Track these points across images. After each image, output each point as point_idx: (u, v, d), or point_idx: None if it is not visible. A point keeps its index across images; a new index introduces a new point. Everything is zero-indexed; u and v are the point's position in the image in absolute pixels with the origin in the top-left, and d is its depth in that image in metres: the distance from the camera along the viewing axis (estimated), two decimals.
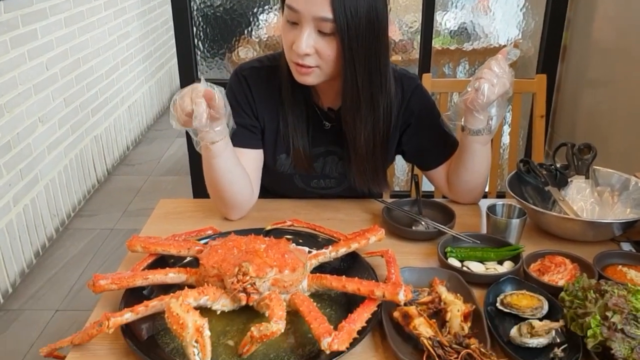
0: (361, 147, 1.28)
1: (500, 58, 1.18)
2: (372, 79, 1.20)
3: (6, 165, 2.48)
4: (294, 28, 1.15)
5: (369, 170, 1.32)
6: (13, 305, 2.41)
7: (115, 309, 0.98)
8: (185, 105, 1.06)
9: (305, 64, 1.16)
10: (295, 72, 1.21)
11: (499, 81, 1.16)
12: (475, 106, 1.18)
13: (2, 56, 2.46)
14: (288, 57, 1.21)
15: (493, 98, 1.16)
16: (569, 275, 1.07)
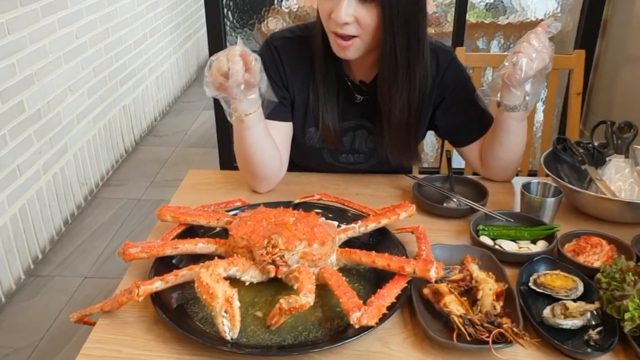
0: (396, 117, 1.25)
1: (541, 31, 1.14)
2: (410, 47, 1.18)
3: (36, 134, 2.51)
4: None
5: (402, 142, 1.30)
6: (43, 272, 2.46)
7: (144, 278, 0.98)
8: (222, 65, 1.04)
9: (344, 33, 1.14)
10: (335, 46, 1.18)
11: (538, 55, 1.12)
12: (512, 81, 1.14)
13: (32, 24, 2.47)
14: (326, 27, 1.18)
15: (531, 73, 1.12)
16: (605, 256, 1.04)
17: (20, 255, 2.38)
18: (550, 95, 1.84)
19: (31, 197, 2.47)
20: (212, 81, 1.07)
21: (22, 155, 2.40)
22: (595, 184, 1.26)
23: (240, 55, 1.03)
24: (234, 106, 1.14)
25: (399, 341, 0.88)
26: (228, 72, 1.03)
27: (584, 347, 0.85)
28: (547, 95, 1.83)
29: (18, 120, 2.36)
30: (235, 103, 1.13)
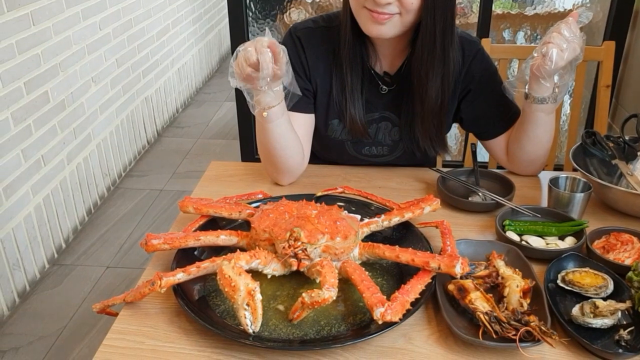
0: (431, 100, 1.24)
1: (572, 21, 1.10)
2: (445, 31, 1.17)
3: (60, 124, 2.53)
4: None
5: (434, 126, 1.29)
6: (66, 261, 2.49)
7: (166, 269, 0.99)
8: (250, 55, 1.02)
9: (384, 12, 1.12)
10: (368, 21, 1.15)
11: (569, 46, 1.08)
12: (542, 72, 1.11)
13: (57, 15, 2.49)
14: (358, 4, 1.15)
15: (562, 64, 1.09)
16: (636, 254, 1.02)
17: (44, 244, 2.41)
18: (578, 88, 1.79)
19: (55, 187, 2.49)
20: (238, 72, 1.06)
21: (47, 146, 2.43)
22: (626, 179, 1.22)
23: (268, 46, 1.02)
24: (257, 98, 1.12)
25: (423, 337, 0.87)
26: (256, 63, 1.02)
27: (615, 347, 0.83)
28: (575, 87, 1.79)
29: (43, 110, 2.39)
30: (259, 95, 1.11)
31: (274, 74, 1.05)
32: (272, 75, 1.04)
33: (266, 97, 1.12)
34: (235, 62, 1.06)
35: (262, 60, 1.01)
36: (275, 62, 1.03)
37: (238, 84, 1.08)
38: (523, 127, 1.25)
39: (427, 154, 1.35)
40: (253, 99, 1.13)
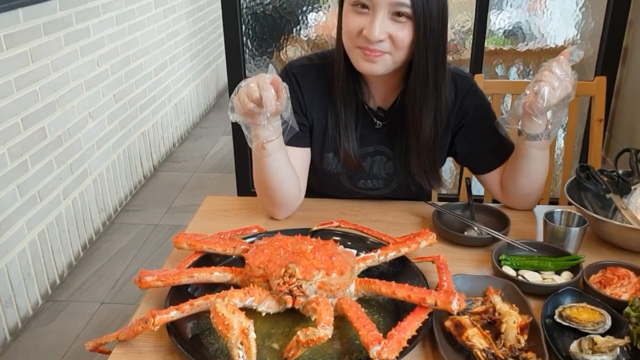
0: (425, 134, 1.26)
1: (563, 59, 1.11)
2: (438, 67, 1.19)
3: (57, 159, 2.53)
4: (362, 14, 1.13)
5: (429, 161, 1.30)
6: (60, 297, 2.47)
7: (160, 305, 0.97)
8: (252, 91, 1.04)
9: (376, 49, 1.14)
10: (360, 59, 1.17)
11: (561, 84, 1.10)
12: (535, 110, 1.12)
13: (56, 52, 2.52)
14: (352, 43, 1.17)
15: (554, 102, 1.10)
16: (633, 289, 1.01)
17: (38, 280, 2.39)
18: (571, 122, 1.81)
19: (51, 222, 2.48)
20: (239, 107, 1.07)
21: (43, 181, 2.43)
22: (621, 213, 1.23)
23: (271, 82, 1.04)
24: (255, 132, 1.13)
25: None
26: (259, 99, 1.03)
27: None
28: (569, 121, 1.81)
29: (40, 146, 2.40)
30: (258, 129, 1.12)
31: (276, 110, 1.06)
32: (274, 111, 1.05)
33: (265, 132, 1.13)
34: (237, 97, 1.07)
35: (265, 96, 1.03)
36: (277, 99, 1.04)
37: (237, 118, 1.09)
38: (517, 162, 1.26)
39: (422, 187, 1.36)
40: (251, 132, 1.14)
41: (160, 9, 3.72)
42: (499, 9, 2.31)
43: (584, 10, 2.27)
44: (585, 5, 2.26)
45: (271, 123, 1.11)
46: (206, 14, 4.70)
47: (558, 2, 2.27)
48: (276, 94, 1.04)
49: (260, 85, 1.04)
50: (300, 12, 2.40)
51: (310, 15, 2.41)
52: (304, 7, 2.40)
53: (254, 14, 2.42)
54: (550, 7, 2.28)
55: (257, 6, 2.40)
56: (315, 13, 2.40)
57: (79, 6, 2.70)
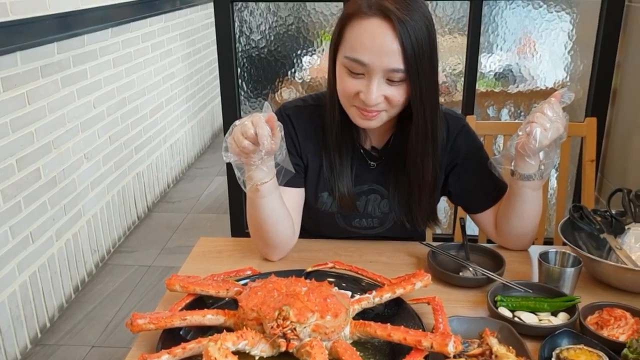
0: (427, 183, 1.28)
1: (554, 101, 1.13)
2: (433, 117, 1.21)
3: (51, 200, 2.53)
4: (358, 78, 1.15)
5: (430, 205, 1.33)
6: (50, 340, 2.42)
7: (151, 349, 0.96)
8: (247, 129, 1.04)
9: (372, 110, 1.16)
10: (357, 117, 1.20)
11: (552, 125, 1.11)
12: (527, 151, 1.14)
13: (52, 95, 2.54)
14: (348, 102, 1.20)
15: (546, 143, 1.11)
16: (630, 330, 1.00)
17: (27, 323, 2.35)
18: (563, 162, 1.83)
19: (42, 264, 2.46)
20: (233, 146, 1.07)
21: (36, 222, 2.41)
22: (616, 253, 1.23)
23: (266, 120, 1.05)
24: (249, 174, 1.13)
25: None
26: (254, 137, 1.04)
27: None
28: (561, 162, 1.82)
29: (34, 187, 2.39)
30: (252, 171, 1.12)
31: (270, 149, 1.06)
32: (269, 149, 1.05)
33: (259, 173, 1.13)
34: (231, 136, 1.07)
35: (260, 134, 1.03)
36: (272, 136, 1.05)
37: (231, 158, 1.09)
38: (510, 203, 1.26)
39: (417, 225, 1.36)
40: (244, 175, 1.14)
41: (157, 52, 3.78)
42: (490, 52, 2.36)
43: (572, 54, 2.32)
44: (574, 49, 2.32)
45: (265, 163, 1.11)
46: (202, 57, 4.78)
47: (547, 46, 2.32)
48: (271, 131, 1.05)
49: (255, 123, 1.04)
50: (295, 55, 2.45)
51: (305, 58, 2.45)
52: (299, 51, 2.44)
53: (249, 57, 2.46)
54: (540, 51, 2.34)
55: (253, 49, 2.45)
56: (310, 56, 2.45)
57: (77, 49, 2.74)
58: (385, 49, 1.10)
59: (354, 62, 1.13)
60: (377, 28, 1.10)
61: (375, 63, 1.11)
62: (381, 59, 1.10)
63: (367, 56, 1.11)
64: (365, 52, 1.11)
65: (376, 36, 1.10)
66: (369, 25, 1.11)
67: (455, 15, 2.30)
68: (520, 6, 2.28)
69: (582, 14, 2.27)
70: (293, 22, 2.40)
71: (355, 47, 1.12)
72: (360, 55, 1.11)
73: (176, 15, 4.11)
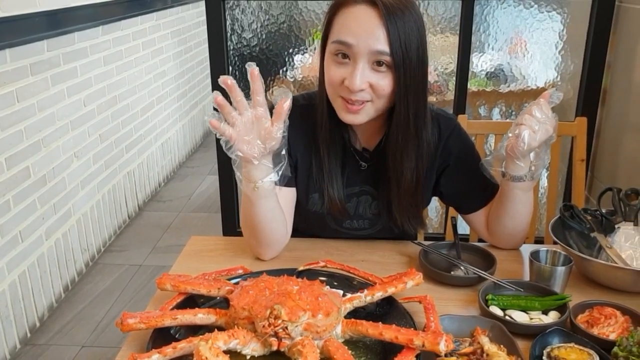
0: (407, 182, 1.26)
1: (543, 102, 1.13)
2: (418, 113, 1.20)
3: (40, 199, 2.51)
4: (343, 64, 1.15)
5: (411, 207, 1.30)
6: (40, 340, 2.40)
7: (142, 349, 0.95)
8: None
9: (357, 99, 1.16)
10: (342, 111, 1.19)
11: (541, 127, 1.11)
12: (516, 153, 1.14)
13: (42, 93, 2.52)
14: (334, 93, 1.19)
15: (534, 145, 1.12)
16: (620, 328, 1.01)
17: (17, 323, 2.33)
18: (554, 162, 1.84)
19: (32, 263, 2.44)
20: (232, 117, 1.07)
21: (25, 221, 2.39)
22: (606, 252, 1.23)
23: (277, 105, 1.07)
24: (248, 172, 1.11)
25: None
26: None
27: None
28: (551, 161, 1.83)
29: (23, 185, 2.37)
30: (251, 169, 1.11)
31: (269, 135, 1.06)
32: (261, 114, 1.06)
33: (258, 172, 1.12)
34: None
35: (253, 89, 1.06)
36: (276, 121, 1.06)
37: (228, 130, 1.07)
38: (502, 203, 1.27)
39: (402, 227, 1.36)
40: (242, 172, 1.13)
41: (148, 50, 3.76)
42: (481, 52, 2.37)
43: (563, 53, 2.34)
44: (565, 49, 2.33)
45: (265, 159, 1.10)
46: (194, 55, 4.76)
47: (538, 45, 2.33)
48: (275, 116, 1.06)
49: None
50: (287, 53, 2.44)
51: (297, 57, 2.45)
52: (290, 49, 2.44)
53: (240, 55, 2.45)
54: (531, 50, 2.34)
55: (244, 48, 2.44)
56: (302, 55, 2.44)
57: (67, 47, 2.72)
58: (371, 31, 1.11)
59: (341, 44, 1.13)
60: (363, 13, 1.12)
61: (360, 44, 1.11)
62: (366, 40, 1.11)
63: (352, 37, 1.12)
64: (350, 34, 1.12)
65: (362, 19, 1.12)
66: (356, 10, 1.12)
67: (447, 14, 2.30)
68: (512, 6, 2.29)
69: (572, 14, 2.28)
70: (285, 20, 2.39)
71: (341, 30, 1.14)
72: (346, 37, 1.12)
73: (167, 13, 4.10)
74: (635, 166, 2.06)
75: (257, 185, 1.13)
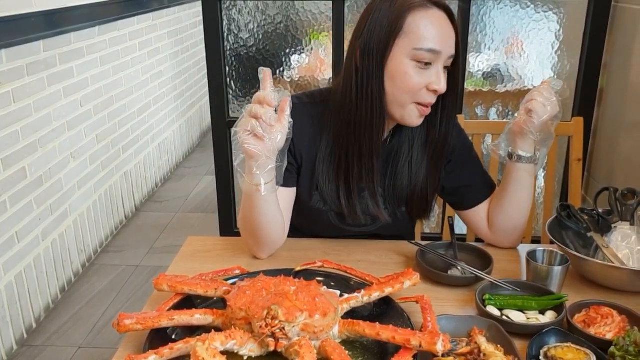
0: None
1: (547, 85, 1.21)
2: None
3: (37, 200, 2.50)
4: (424, 70, 1.17)
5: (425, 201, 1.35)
6: (36, 341, 2.39)
7: (139, 350, 0.95)
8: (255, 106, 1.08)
9: (432, 102, 1.21)
10: (415, 116, 1.22)
11: (550, 102, 1.18)
12: (529, 126, 1.19)
13: (39, 93, 2.52)
14: (411, 100, 1.20)
15: (546, 118, 1.18)
16: (617, 328, 1.01)
17: (13, 324, 2.32)
18: (551, 162, 1.84)
19: (28, 264, 2.43)
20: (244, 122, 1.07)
21: (22, 222, 2.39)
22: (602, 252, 1.23)
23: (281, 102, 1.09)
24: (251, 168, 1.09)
25: None
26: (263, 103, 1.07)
27: None
28: (548, 161, 1.84)
29: (19, 186, 2.37)
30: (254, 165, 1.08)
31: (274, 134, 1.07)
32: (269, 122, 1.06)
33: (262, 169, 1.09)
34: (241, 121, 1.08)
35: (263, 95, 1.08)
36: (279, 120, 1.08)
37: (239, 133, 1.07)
38: (506, 189, 1.30)
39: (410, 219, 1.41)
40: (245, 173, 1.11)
41: (145, 51, 3.76)
42: (478, 52, 2.37)
43: (559, 54, 2.34)
44: (561, 49, 2.33)
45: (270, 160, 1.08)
46: (190, 56, 4.75)
47: (534, 46, 2.34)
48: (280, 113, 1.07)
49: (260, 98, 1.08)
50: (284, 54, 2.44)
51: (294, 57, 2.45)
52: (287, 50, 2.43)
53: (237, 55, 2.45)
54: (527, 50, 2.35)
55: (241, 48, 2.44)
56: (299, 55, 2.44)
57: (63, 47, 2.72)
58: (450, 36, 1.17)
59: (429, 52, 1.15)
60: (439, 17, 1.17)
61: (445, 51, 1.16)
62: (448, 45, 1.17)
63: (439, 44, 1.16)
64: (436, 41, 1.16)
65: (442, 25, 1.16)
66: (433, 15, 1.16)
67: None
68: (508, 6, 2.29)
69: (569, 14, 2.29)
70: (282, 20, 2.39)
71: (425, 37, 1.15)
72: (434, 45, 1.15)
73: (164, 14, 4.09)
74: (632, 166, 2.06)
75: (257, 183, 1.11)
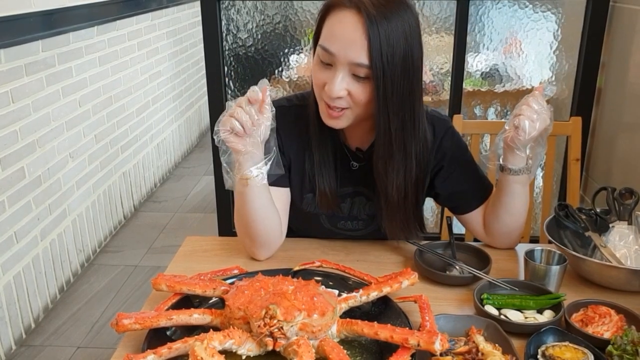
0: (392, 195, 1.23)
1: (538, 94, 1.16)
2: (405, 126, 1.17)
3: (35, 200, 2.50)
4: (327, 69, 1.14)
5: (399, 219, 1.28)
6: (35, 341, 2.39)
7: (137, 349, 0.95)
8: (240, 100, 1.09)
9: (335, 106, 1.15)
10: (324, 114, 1.19)
11: (539, 117, 1.13)
12: (516, 143, 1.15)
13: (37, 93, 2.51)
14: (318, 95, 1.19)
15: (534, 134, 1.14)
16: (614, 327, 1.01)
17: (12, 324, 2.32)
18: (549, 161, 1.84)
19: (27, 264, 2.43)
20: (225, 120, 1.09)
21: (20, 222, 2.39)
22: (600, 251, 1.24)
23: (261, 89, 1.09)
24: (239, 163, 1.12)
25: None
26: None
27: None
28: (547, 161, 1.84)
29: (18, 186, 2.36)
30: (242, 159, 1.11)
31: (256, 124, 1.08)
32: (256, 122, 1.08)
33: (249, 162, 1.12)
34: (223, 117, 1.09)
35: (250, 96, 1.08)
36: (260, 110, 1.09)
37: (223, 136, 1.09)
38: (500, 199, 1.27)
39: None
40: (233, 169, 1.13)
41: (143, 51, 3.76)
42: (476, 52, 2.37)
43: (557, 53, 2.34)
44: (559, 49, 2.33)
45: (255, 149, 1.11)
46: (189, 56, 4.75)
47: (533, 45, 2.34)
48: (260, 104, 1.08)
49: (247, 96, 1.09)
50: (282, 54, 2.44)
51: (292, 57, 2.45)
52: (286, 49, 2.44)
53: (236, 55, 2.45)
54: (526, 50, 2.35)
55: (239, 48, 2.44)
56: (297, 55, 2.44)
57: (62, 47, 2.72)
58: (352, 41, 1.08)
59: (324, 50, 1.13)
60: (349, 20, 1.09)
61: (340, 53, 1.10)
62: (346, 50, 1.09)
63: (334, 46, 1.11)
64: (334, 42, 1.11)
65: (346, 27, 1.09)
66: (343, 16, 1.10)
67: (442, 14, 2.31)
68: (507, 6, 2.29)
69: (567, 14, 2.29)
70: (280, 20, 2.39)
71: (327, 36, 1.13)
72: (330, 44, 1.11)
73: (163, 14, 4.09)
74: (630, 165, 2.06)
75: (246, 176, 1.13)
